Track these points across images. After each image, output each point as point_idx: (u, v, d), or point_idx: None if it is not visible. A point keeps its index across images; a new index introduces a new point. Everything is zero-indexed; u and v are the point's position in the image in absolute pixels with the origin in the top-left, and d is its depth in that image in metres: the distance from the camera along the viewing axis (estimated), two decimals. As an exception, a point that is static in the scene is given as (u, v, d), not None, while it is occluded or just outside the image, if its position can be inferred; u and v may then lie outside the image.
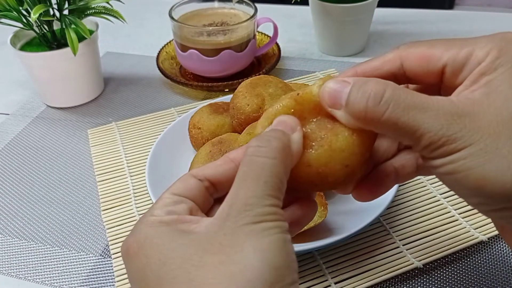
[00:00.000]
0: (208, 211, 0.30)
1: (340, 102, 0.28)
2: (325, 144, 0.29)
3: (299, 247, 0.43)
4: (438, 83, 0.30)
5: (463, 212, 0.51)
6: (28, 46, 0.70)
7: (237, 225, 0.24)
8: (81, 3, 0.66)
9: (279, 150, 0.27)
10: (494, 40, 0.27)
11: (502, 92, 0.25)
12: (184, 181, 0.29)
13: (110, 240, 0.50)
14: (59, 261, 0.49)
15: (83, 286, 0.47)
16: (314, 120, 0.30)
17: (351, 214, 0.48)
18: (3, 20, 0.64)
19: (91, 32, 0.69)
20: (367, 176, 0.33)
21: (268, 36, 0.83)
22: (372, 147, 0.31)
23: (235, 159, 0.30)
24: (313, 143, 0.29)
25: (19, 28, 0.68)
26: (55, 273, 0.48)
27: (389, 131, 0.27)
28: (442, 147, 0.25)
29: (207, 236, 0.25)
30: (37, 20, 0.63)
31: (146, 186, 0.55)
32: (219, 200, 0.30)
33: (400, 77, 0.30)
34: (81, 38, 0.66)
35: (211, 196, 0.30)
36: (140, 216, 0.52)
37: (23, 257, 0.50)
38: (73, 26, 0.64)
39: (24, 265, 0.49)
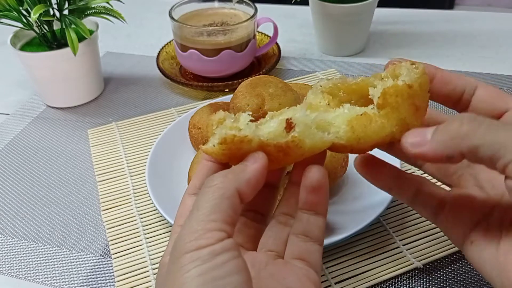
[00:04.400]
0: None
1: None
2: None
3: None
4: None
5: (463, 212, 0.51)
6: (28, 46, 0.70)
7: (173, 259, 0.26)
8: (81, 3, 0.66)
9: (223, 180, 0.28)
10: None
11: None
12: (184, 204, 0.31)
13: (110, 240, 0.50)
14: (59, 261, 0.49)
15: (83, 286, 0.47)
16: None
17: (351, 214, 0.48)
18: (3, 20, 0.64)
19: (91, 32, 0.69)
20: None
21: (268, 36, 0.83)
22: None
23: (210, 158, 0.32)
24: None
25: (19, 28, 0.68)
26: (55, 273, 0.48)
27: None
28: None
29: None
30: (37, 20, 0.63)
31: (146, 186, 0.55)
32: None
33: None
34: (81, 38, 0.66)
35: None
36: (140, 216, 0.53)
37: (23, 257, 0.50)
38: (73, 26, 0.64)
39: (24, 265, 0.49)
